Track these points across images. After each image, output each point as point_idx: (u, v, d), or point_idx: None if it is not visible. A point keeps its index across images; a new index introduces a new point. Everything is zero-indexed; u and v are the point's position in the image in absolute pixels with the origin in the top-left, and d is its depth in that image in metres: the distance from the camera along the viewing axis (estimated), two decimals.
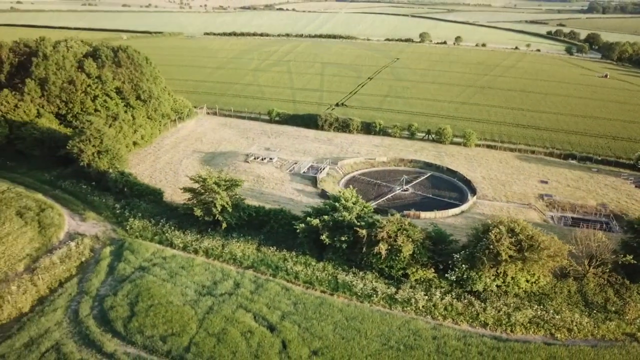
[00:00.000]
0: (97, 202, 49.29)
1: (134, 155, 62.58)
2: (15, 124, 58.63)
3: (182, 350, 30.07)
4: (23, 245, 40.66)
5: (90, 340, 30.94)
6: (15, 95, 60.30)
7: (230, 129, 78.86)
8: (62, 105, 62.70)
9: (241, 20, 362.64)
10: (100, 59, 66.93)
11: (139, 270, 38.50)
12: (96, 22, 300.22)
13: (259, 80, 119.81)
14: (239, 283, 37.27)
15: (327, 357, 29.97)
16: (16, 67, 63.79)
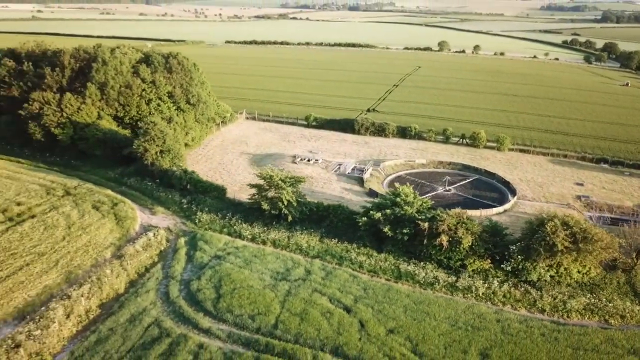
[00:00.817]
0: (163, 198, 52.65)
1: (186, 156, 65.96)
2: (78, 126, 62.33)
3: (271, 327, 33.02)
4: (105, 235, 44.03)
5: (185, 318, 34.01)
6: (77, 98, 64.04)
7: (271, 132, 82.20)
8: (119, 108, 66.36)
9: (259, 29, 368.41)
10: (153, 64, 70.65)
11: (215, 258, 41.62)
12: (116, 31, 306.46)
13: (289, 87, 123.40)
14: (309, 270, 40.24)
15: (402, 335, 32.77)
16: (76, 72, 67.58)
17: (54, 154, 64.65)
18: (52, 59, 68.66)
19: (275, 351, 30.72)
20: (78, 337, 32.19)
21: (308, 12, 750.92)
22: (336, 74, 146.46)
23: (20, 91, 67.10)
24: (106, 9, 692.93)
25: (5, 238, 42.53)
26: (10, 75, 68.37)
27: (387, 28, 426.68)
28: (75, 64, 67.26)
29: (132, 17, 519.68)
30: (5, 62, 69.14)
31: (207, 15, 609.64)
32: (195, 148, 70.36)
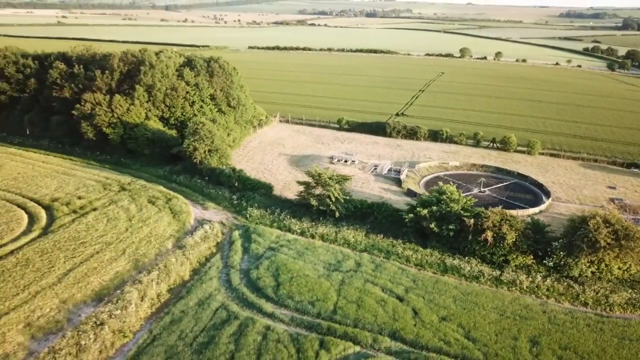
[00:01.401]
0: (213, 194, 55.36)
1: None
2: (128, 126, 65.49)
3: (330, 313, 35.27)
4: (164, 228, 46.79)
5: (249, 303, 36.43)
6: (126, 99, 67.27)
7: (305, 135, 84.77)
8: (165, 109, 69.46)
9: (279, 34, 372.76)
10: (196, 68, 73.75)
11: (269, 250, 44.07)
12: (140, 36, 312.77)
13: (316, 91, 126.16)
14: (359, 263, 42.46)
15: (454, 322, 34.78)
16: (124, 75, 70.87)
17: (104, 152, 67.91)
18: (101, 62, 72.08)
19: (337, 334, 32.94)
20: (153, 318, 34.78)
21: (326, 18, 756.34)
22: (361, 79, 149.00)
23: (72, 92, 70.58)
24: (127, 14, 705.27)
25: (73, 228, 45.49)
26: (62, 78, 71.94)
27: (406, 34, 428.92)
28: (124, 67, 70.57)
29: (154, 23, 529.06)
30: (57, 65, 72.74)
31: (226, 22, 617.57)
32: (236, 149, 73.12)
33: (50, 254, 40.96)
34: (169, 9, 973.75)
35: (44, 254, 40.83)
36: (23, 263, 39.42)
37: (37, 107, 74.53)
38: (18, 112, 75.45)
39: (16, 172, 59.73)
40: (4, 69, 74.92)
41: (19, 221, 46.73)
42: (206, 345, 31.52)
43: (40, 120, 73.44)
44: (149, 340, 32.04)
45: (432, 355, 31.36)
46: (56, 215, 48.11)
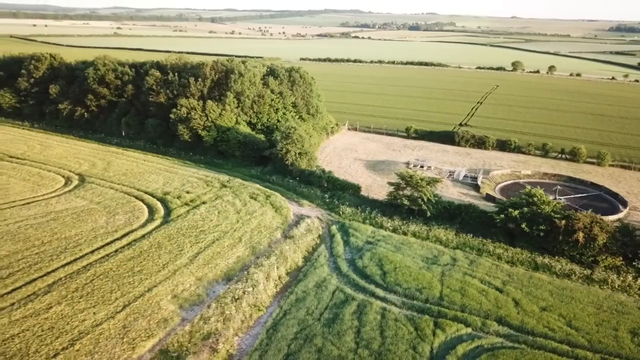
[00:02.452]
0: (306, 193, 59.81)
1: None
2: (221, 129, 71.00)
3: (437, 299, 38.68)
4: (270, 220, 51.37)
5: (361, 287, 40.25)
6: (218, 105, 72.92)
7: (375, 142, 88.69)
8: (253, 115, 74.79)
9: (325, 46, 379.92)
10: (279, 77, 78.96)
11: (367, 244, 47.88)
12: (193, 47, 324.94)
13: (375, 101, 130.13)
14: (454, 258, 45.72)
15: (555, 313, 37.55)
16: (215, 82, 76.72)
17: (196, 153, 73.62)
18: (193, 70, 78.24)
19: (447, 317, 36.31)
20: (278, 296, 39.06)
21: (369, 31, 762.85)
22: (418, 90, 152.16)
23: (166, 98, 76.89)
24: (177, 26, 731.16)
25: (190, 218, 50.62)
26: (157, 84, 78.39)
27: (452, 47, 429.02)
28: (214, 75, 76.42)
29: (203, 35, 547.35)
30: (153, 73, 79.37)
31: (272, 34, 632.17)
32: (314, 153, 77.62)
33: (176, 239, 46.04)
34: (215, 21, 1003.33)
35: (171, 239, 45.95)
36: (156, 246, 44.59)
37: (133, 111, 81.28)
38: (116, 115, 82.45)
39: (124, 168, 65.94)
40: (105, 76, 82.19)
41: (141, 211, 52.26)
42: (333, 320, 35.46)
43: (136, 122, 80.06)
44: (281, 315, 36.25)
45: (539, 339, 34.27)
46: (171, 206, 53.45)
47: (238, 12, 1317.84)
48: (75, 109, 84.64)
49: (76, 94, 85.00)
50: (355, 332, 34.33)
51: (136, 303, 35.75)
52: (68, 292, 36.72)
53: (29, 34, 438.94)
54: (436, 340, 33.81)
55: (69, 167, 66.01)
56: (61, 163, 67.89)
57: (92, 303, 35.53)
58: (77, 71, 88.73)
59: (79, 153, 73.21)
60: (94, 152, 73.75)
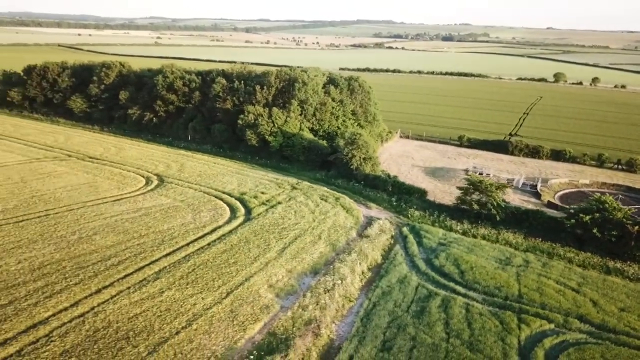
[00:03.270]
0: (372, 196, 62.45)
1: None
2: (286, 135, 74.42)
3: (516, 297, 40.58)
4: (343, 220, 54.13)
5: (441, 284, 42.46)
6: (282, 112, 76.43)
7: (428, 150, 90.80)
8: (315, 122, 78.03)
9: (361, 56, 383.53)
10: (339, 86, 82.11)
11: (439, 245, 50.07)
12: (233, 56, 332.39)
13: (420, 110, 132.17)
14: (527, 260, 47.47)
15: (634, 313, 38.91)
16: (279, 90, 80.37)
17: (262, 157, 77.20)
18: (258, 78, 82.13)
19: (529, 313, 38.21)
20: (364, 290, 41.64)
21: (402, 41, 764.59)
22: (462, 100, 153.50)
23: (232, 104, 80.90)
24: (214, 36, 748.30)
25: (269, 217, 53.83)
26: (224, 91, 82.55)
27: (488, 58, 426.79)
28: (279, 84, 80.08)
29: (240, 44, 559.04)
30: (219, 81, 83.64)
31: (306, 44, 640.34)
32: None
33: (261, 235, 49.23)
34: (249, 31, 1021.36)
35: (257, 235, 49.16)
36: (244, 240, 47.85)
37: (200, 117, 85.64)
38: (183, 120, 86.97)
39: (197, 170, 69.92)
40: (173, 83, 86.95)
41: (223, 209, 55.78)
42: (420, 313, 37.80)
43: (202, 127, 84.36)
44: (371, 306, 38.78)
45: (622, 337, 35.83)
46: (250, 205, 56.82)
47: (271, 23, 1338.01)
48: (144, 114, 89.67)
49: (145, 99, 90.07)
50: (444, 324, 36.58)
51: (238, 290, 38.88)
52: (174, 279, 40.16)
53: (76, 43, 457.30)
54: (522, 334, 35.76)
55: (146, 168, 70.37)
56: (138, 164, 72.38)
57: (198, 289, 38.83)
58: (144, 78, 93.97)
59: (152, 155, 77.72)
60: (166, 155, 78.16)
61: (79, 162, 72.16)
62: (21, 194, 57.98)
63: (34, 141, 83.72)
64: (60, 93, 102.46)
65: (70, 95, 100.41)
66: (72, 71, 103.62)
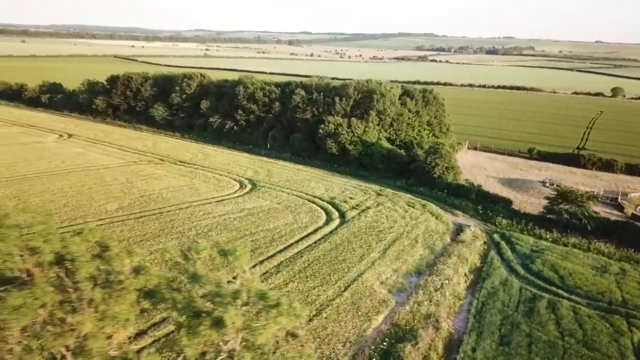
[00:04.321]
0: (457, 204, 64.69)
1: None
2: (365, 144, 77.65)
3: (620, 302, 41.99)
4: (435, 226, 56.58)
5: (543, 288, 44.24)
6: (361, 122, 79.76)
7: (499, 161, 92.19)
8: (392, 132, 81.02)
9: (407, 69, 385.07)
10: (414, 98, 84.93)
11: (532, 251, 51.78)
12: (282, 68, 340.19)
13: (479, 122, 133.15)
14: (623, 269, 48.58)
15: None
16: (357, 102, 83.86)
17: (340, 164, 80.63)
18: (336, 90, 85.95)
19: (638, 317, 39.63)
20: (469, 290, 43.96)
21: (445, 54, 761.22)
22: (521, 113, 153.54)
23: (312, 115, 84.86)
24: (259, 48, 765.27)
25: (363, 220, 56.85)
26: (303, 102, 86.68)
27: (536, 72, 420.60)
28: (357, 95, 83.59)
29: (285, 57, 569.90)
30: (299, 92, 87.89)
31: (350, 56, 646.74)
32: None
33: (361, 236, 52.29)
34: (292, 43, 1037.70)
35: (356, 236, 52.25)
36: (346, 241, 51.00)
37: (279, 126, 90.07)
38: (263, 129, 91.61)
39: (284, 176, 73.89)
40: (254, 94, 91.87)
41: (319, 212, 59.23)
42: (529, 313, 39.81)
43: (281, 136, 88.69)
44: (480, 305, 41.06)
45: None
46: (343, 209, 60.06)
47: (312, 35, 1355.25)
48: (225, 122, 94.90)
49: (225, 109, 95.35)
50: (555, 324, 38.48)
51: (354, 285, 41.93)
52: (294, 272, 43.59)
53: (130, 55, 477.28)
54: (634, 337, 37.31)
55: (236, 173, 74.86)
56: (227, 169, 77.01)
57: (318, 283, 42.08)
58: (224, 88, 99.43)
59: (237, 161, 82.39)
60: (250, 161, 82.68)
61: (173, 166, 77.41)
62: (131, 193, 63.14)
63: (125, 146, 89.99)
64: (143, 102, 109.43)
65: (152, 103, 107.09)
66: (153, 81, 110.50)
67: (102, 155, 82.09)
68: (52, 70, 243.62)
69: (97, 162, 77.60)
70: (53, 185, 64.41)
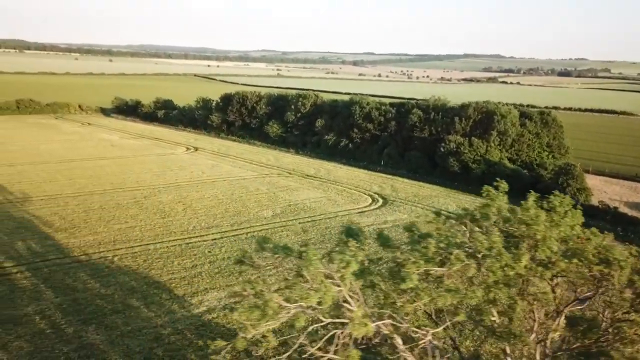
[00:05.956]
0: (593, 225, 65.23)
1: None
2: (488, 163, 79.76)
3: None
4: None
5: None
6: (482, 142, 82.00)
7: (616, 185, 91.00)
8: (512, 152, 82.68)
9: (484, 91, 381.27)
10: (533, 119, 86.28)
11: None
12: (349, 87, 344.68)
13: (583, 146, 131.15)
14: None
15: None
16: (476, 122, 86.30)
17: (460, 182, 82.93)
18: (454, 110, 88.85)
19: None
20: None
21: (515, 76, 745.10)
22: (619, 137, 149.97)
23: (429, 134, 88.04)
24: (325, 68, 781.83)
25: None
26: (420, 122, 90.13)
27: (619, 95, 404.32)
28: (477, 116, 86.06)
29: (354, 77, 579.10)
30: (415, 112, 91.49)
31: (418, 77, 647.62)
32: None
33: None
34: (356, 64, 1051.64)
35: None
36: None
37: (394, 144, 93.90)
38: (377, 147, 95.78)
39: (409, 191, 76.98)
40: (370, 113, 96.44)
41: None
42: None
43: (396, 154, 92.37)
44: None
45: None
46: None
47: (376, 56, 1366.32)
48: (340, 140, 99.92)
49: (340, 127, 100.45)
50: None
51: None
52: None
53: (208, 74, 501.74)
54: None
55: (362, 187, 78.99)
56: (351, 183, 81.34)
57: None
58: (337, 108, 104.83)
59: (357, 176, 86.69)
60: (369, 177, 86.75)
61: (302, 179, 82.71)
62: (277, 202, 68.50)
63: (250, 159, 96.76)
64: (257, 119, 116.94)
65: (266, 121, 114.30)
66: (267, 100, 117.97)
67: (234, 167, 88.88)
68: (145, 88, 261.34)
69: (233, 173, 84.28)
70: (206, 193, 70.98)
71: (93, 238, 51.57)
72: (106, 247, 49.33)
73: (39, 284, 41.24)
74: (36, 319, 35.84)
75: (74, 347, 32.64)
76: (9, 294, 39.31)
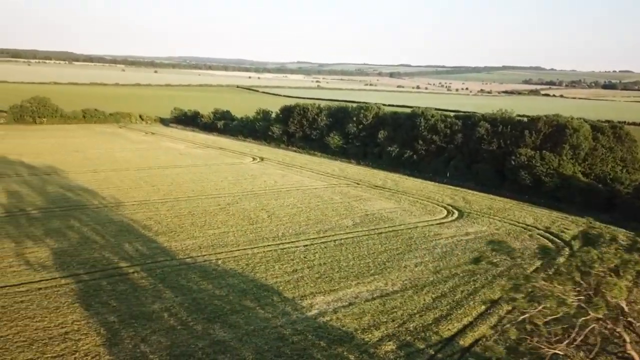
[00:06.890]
0: None
1: None
2: (561, 177, 79.23)
3: None
4: None
5: None
6: (554, 155, 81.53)
7: None
8: (585, 166, 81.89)
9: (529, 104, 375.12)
10: (605, 133, 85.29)
11: None
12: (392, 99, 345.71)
13: None
14: None
15: None
16: (546, 135, 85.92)
17: (532, 195, 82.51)
18: (523, 123, 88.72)
19: None
20: None
21: (557, 89, 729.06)
22: None
23: (497, 146, 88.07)
24: (362, 80, 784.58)
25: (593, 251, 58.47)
26: (488, 135, 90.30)
27: None
28: (547, 129, 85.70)
29: (393, 89, 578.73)
30: (482, 124, 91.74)
31: (457, 89, 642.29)
32: None
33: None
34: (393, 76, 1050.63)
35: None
36: None
37: (460, 156, 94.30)
38: (443, 159, 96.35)
39: (483, 204, 77.10)
40: (436, 125, 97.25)
41: (542, 240, 61.79)
42: None
43: (462, 166, 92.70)
44: None
45: None
46: (564, 238, 62.14)
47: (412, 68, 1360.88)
48: (404, 151, 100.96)
49: (404, 138, 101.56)
50: None
51: None
52: None
53: (250, 85, 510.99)
54: None
55: (434, 199, 79.66)
56: (422, 194, 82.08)
57: None
58: (399, 120, 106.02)
59: (425, 188, 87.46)
60: (437, 188, 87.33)
61: (371, 190, 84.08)
62: (354, 211, 69.94)
63: (316, 169, 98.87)
64: (318, 130, 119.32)
65: (327, 132, 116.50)
66: (328, 112, 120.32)
67: (302, 177, 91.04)
68: (194, 99, 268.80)
69: (303, 182, 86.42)
70: (284, 201, 73.14)
71: (192, 242, 54.14)
72: (207, 251, 51.74)
73: (156, 283, 43.78)
74: (164, 316, 38.18)
75: (207, 343, 34.69)
76: (132, 292, 41.94)
